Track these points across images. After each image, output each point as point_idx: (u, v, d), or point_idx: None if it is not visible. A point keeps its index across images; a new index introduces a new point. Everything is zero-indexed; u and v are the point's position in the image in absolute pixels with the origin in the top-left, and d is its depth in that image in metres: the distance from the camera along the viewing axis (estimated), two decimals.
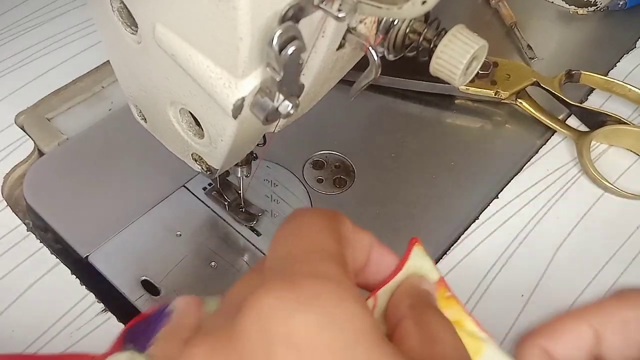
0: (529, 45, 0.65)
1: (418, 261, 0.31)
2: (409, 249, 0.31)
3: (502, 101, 0.59)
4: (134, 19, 0.33)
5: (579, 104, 0.58)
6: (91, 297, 0.46)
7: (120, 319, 0.45)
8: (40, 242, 0.49)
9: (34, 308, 0.45)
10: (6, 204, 0.51)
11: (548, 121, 0.58)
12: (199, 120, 0.36)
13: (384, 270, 0.30)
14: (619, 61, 0.65)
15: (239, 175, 0.46)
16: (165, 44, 0.31)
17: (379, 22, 0.33)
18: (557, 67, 0.61)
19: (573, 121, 0.59)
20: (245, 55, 0.28)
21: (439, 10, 0.31)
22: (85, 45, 0.62)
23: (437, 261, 0.49)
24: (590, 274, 0.49)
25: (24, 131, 0.56)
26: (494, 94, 0.59)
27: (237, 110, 0.30)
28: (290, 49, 0.27)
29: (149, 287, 0.47)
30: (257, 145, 0.42)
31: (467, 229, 0.51)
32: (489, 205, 0.53)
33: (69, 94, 0.59)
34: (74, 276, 0.47)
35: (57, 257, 0.48)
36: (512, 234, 0.51)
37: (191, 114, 0.36)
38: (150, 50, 0.33)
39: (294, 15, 0.27)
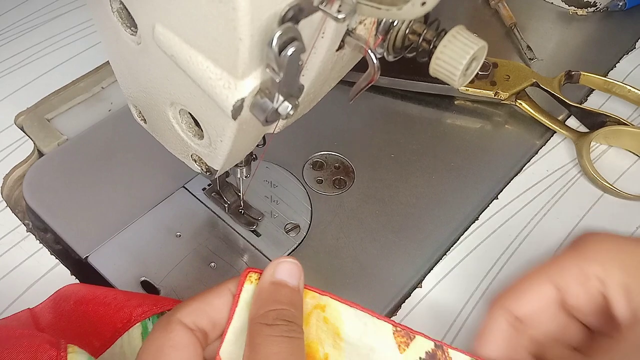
0: (528, 46, 0.65)
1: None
2: (241, 282, 0.32)
3: (502, 102, 0.59)
4: (133, 19, 0.33)
5: (578, 105, 0.58)
6: None
7: None
8: (40, 242, 0.49)
9: None
10: (6, 204, 0.51)
11: (548, 122, 0.58)
12: (199, 121, 0.36)
13: None
14: (618, 62, 0.65)
15: (239, 176, 0.46)
16: (164, 44, 0.31)
17: (379, 23, 0.33)
18: (557, 68, 0.61)
19: (573, 122, 0.59)
20: (244, 56, 0.28)
21: (439, 11, 0.31)
22: (85, 46, 0.63)
23: (437, 262, 0.49)
24: None
25: (24, 132, 0.56)
26: (493, 94, 0.59)
27: (237, 111, 0.30)
28: (290, 50, 0.27)
29: (149, 288, 0.47)
30: (257, 146, 0.42)
31: (466, 230, 0.51)
32: (488, 205, 0.53)
33: (69, 95, 0.59)
34: (73, 277, 0.47)
35: (56, 258, 0.48)
36: (511, 235, 0.51)
37: (191, 114, 0.36)
38: (149, 51, 0.33)
39: (294, 16, 0.27)
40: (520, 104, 0.59)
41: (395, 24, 0.34)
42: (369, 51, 0.32)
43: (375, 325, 0.33)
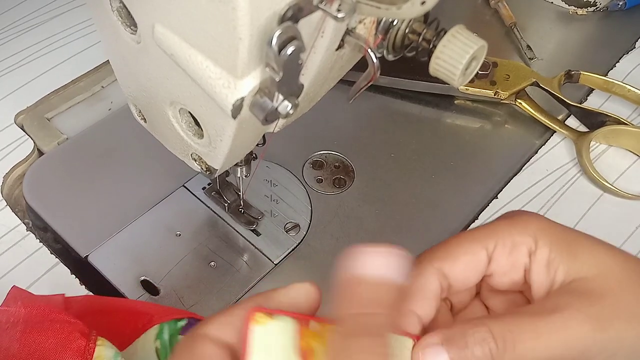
0: (528, 46, 0.65)
1: (265, 338, 0.28)
2: (245, 331, 0.28)
3: (502, 101, 0.60)
4: (133, 18, 0.33)
5: (578, 104, 0.58)
6: None
7: None
8: (40, 241, 0.49)
9: None
10: (6, 203, 0.51)
11: (547, 121, 0.58)
12: (199, 120, 0.36)
13: None
14: (618, 61, 0.65)
15: (239, 175, 0.47)
16: (164, 44, 0.31)
17: (378, 22, 0.33)
18: (557, 68, 0.61)
19: (572, 121, 0.59)
20: (244, 55, 0.28)
21: (439, 11, 0.31)
22: (85, 45, 0.63)
23: None
24: None
25: (24, 131, 0.56)
26: (493, 94, 0.59)
27: (237, 110, 0.30)
28: (290, 49, 0.27)
29: (149, 287, 0.47)
30: (257, 145, 0.42)
31: (466, 229, 0.51)
32: (488, 205, 0.53)
33: (69, 94, 0.59)
34: (73, 276, 0.47)
35: (56, 257, 0.48)
36: None
37: (191, 114, 0.36)
38: (149, 50, 0.33)
39: (293, 16, 0.27)
40: (520, 103, 0.59)
41: (395, 23, 0.34)
42: (369, 50, 0.32)
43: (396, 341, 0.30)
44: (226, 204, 0.51)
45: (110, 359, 0.35)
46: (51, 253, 0.48)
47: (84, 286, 0.46)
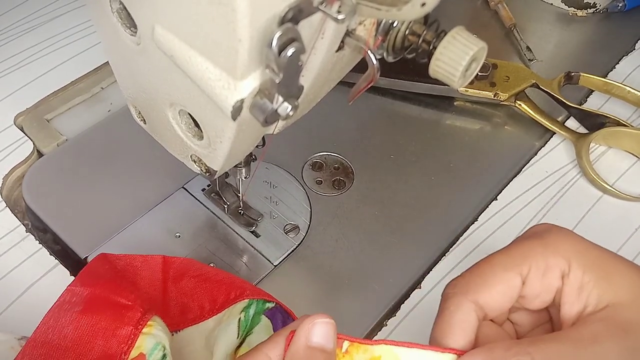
0: (528, 47, 0.65)
1: None
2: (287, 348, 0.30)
3: (501, 103, 0.60)
4: (133, 20, 0.33)
5: (578, 106, 0.58)
6: None
7: None
8: (40, 243, 0.49)
9: (33, 309, 0.45)
10: (5, 204, 0.51)
11: (547, 123, 0.58)
12: (198, 122, 0.36)
13: None
14: (618, 63, 0.65)
15: (238, 177, 0.46)
16: (164, 45, 0.31)
17: (379, 24, 0.33)
18: (556, 69, 0.61)
19: (572, 123, 0.59)
20: (244, 57, 0.28)
21: (439, 12, 0.31)
22: (85, 46, 0.63)
23: (436, 263, 0.49)
24: None
25: (23, 132, 0.56)
26: (493, 95, 0.59)
27: (236, 111, 0.30)
28: (290, 51, 0.27)
29: None
30: (257, 146, 0.42)
31: (465, 231, 0.51)
32: (487, 206, 0.53)
33: (69, 95, 0.59)
34: (73, 277, 0.46)
35: (56, 258, 0.48)
36: (511, 236, 0.51)
37: (190, 115, 0.36)
38: (149, 52, 0.33)
39: (294, 17, 0.27)
40: (519, 105, 0.59)
41: (395, 24, 0.34)
42: (369, 52, 0.32)
43: (438, 357, 0.31)
44: (226, 206, 0.51)
45: (149, 350, 0.35)
46: (51, 254, 0.48)
47: None
